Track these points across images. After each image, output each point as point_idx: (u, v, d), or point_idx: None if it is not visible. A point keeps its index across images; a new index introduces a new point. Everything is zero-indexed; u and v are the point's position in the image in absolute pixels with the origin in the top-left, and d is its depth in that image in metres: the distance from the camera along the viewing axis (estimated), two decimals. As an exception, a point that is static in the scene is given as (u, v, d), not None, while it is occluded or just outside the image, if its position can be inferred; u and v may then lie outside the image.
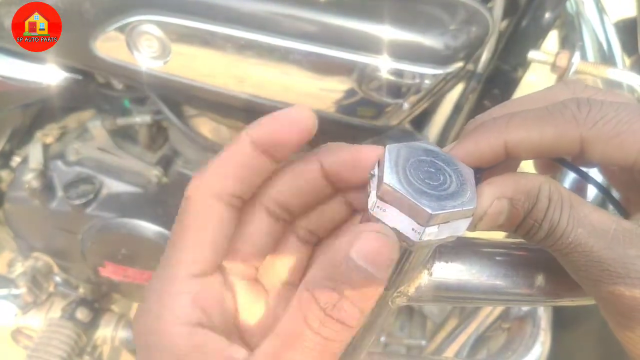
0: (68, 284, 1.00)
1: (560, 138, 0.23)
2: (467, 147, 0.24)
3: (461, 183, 0.23)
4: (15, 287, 0.96)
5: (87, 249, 0.86)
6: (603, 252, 0.22)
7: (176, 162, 0.87)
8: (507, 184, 0.24)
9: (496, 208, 0.23)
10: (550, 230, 0.23)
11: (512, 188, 0.23)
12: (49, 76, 0.74)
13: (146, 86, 0.75)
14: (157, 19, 0.61)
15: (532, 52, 0.58)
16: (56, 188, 0.85)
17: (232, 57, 0.61)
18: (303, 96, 0.63)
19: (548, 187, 0.23)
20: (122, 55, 0.65)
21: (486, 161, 0.24)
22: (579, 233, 0.22)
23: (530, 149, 0.24)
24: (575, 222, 0.23)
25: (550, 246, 0.24)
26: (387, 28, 0.57)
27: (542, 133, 0.23)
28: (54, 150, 0.87)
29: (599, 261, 0.22)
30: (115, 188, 0.84)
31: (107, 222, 0.82)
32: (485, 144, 0.24)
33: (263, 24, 0.59)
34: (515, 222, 0.24)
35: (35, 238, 0.95)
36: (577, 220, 0.23)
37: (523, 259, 0.28)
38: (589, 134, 0.23)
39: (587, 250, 0.22)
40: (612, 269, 0.22)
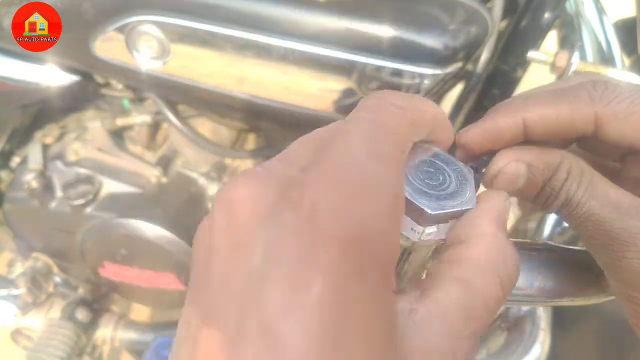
0: (68, 284, 1.00)
1: (575, 115, 0.24)
2: (486, 125, 0.25)
3: (460, 183, 0.23)
4: (14, 287, 0.96)
5: (86, 249, 0.86)
6: (614, 222, 0.23)
7: (176, 162, 0.87)
8: (528, 151, 0.25)
9: (512, 168, 0.24)
10: (567, 200, 0.24)
11: (532, 155, 0.25)
12: (49, 77, 0.74)
13: (146, 86, 0.75)
14: (157, 19, 0.61)
15: (532, 52, 0.58)
16: (55, 188, 0.85)
17: (232, 57, 0.61)
18: (302, 96, 0.63)
19: (569, 161, 0.25)
20: (122, 56, 0.65)
21: (504, 140, 0.25)
22: (592, 205, 0.24)
23: (548, 126, 0.25)
24: (590, 194, 0.24)
25: (565, 215, 0.25)
26: (386, 28, 0.57)
27: (559, 110, 0.24)
28: (54, 151, 0.87)
29: (609, 230, 0.23)
30: (114, 188, 0.84)
31: (107, 223, 0.82)
32: (504, 121, 0.25)
33: (262, 24, 0.59)
34: (535, 190, 0.25)
35: (34, 238, 0.95)
36: (593, 193, 0.24)
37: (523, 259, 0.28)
38: (603, 111, 0.24)
39: (599, 220, 0.23)
40: (621, 237, 0.23)
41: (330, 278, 0.15)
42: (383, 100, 0.20)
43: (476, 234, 0.21)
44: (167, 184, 0.85)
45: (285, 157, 0.19)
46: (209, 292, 0.17)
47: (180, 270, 0.84)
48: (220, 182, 0.87)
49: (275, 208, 0.17)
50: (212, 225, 0.18)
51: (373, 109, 0.20)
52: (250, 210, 0.17)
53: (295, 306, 0.15)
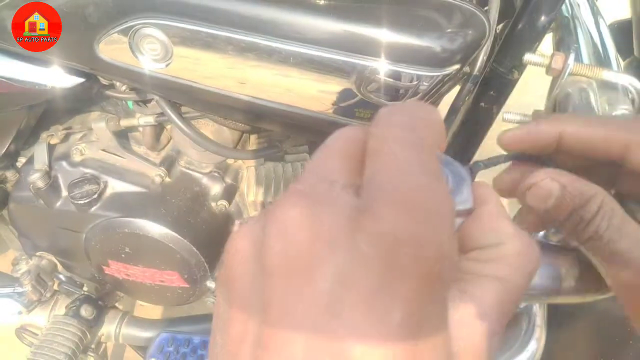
0: (72, 282, 1.00)
1: (609, 138, 0.27)
2: (529, 128, 0.29)
3: (457, 183, 0.23)
4: (19, 285, 0.96)
5: (91, 248, 0.87)
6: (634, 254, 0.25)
7: (179, 162, 0.88)
8: (566, 175, 0.27)
9: (547, 185, 0.26)
10: (596, 234, 0.26)
11: (569, 180, 0.26)
12: (54, 78, 0.74)
13: (149, 88, 0.75)
14: (160, 22, 0.61)
15: (528, 55, 0.58)
16: (61, 188, 0.86)
17: (233, 59, 0.61)
18: (303, 98, 0.63)
19: (602, 196, 0.26)
20: (125, 58, 0.66)
21: (539, 145, 0.28)
22: (622, 244, 0.25)
23: (581, 143, 0.28)
24: (620, 234, 0.25)
25: (591, 248, 0.27)
26: (385, 31, 0.57)
27: (595, 131, 0.27)
28: (59, 151, 0.88)
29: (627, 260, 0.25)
30: (119, 188, 0.85)
31: (111, 222, 0.83)
32: (544, 128, 0.28)
33: (264, 27, 0.59)
34: (563, 214, 0.26)
35: (39, 237, 0.95)
36: (623, 232, 0.25)
37: None
38: (633, 138, 0.27)
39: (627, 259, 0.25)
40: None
41: (410, 307, 0.15)
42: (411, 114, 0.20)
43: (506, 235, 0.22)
44: (171, 183, 0.86)
45: (323, 173, 0.18)
46: (268, 319, 0.16)
47: (183, 269, 0.84)
48: (223, 182, 0.88)
49: (347, 235, 0.16)
50: (261, 247, 0.17)
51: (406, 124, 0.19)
52: (312, 235, 0.16)
53: (373, 332, 0.15)
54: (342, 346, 0.15)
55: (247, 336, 0.17)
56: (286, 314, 0.16)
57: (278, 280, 0.16)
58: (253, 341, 0.16)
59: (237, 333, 0.17)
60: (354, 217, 0.16)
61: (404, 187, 0.17)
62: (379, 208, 0.16)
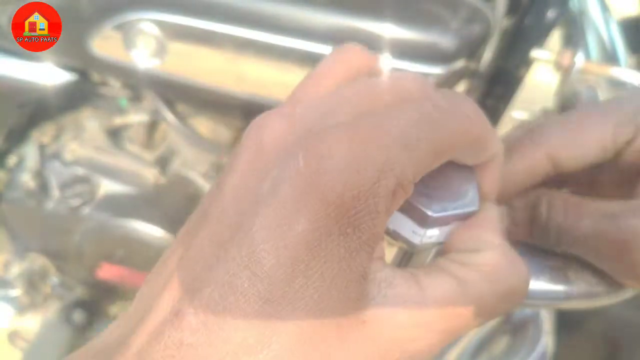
0: (65, 285, 1.00)
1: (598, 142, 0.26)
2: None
3: (463, 185, 0.22)
4: (11, 288, 0.96)
5: (83, 250, 0.86)
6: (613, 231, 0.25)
7: (174, 161, 0.87)
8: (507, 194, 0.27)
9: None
10: (560, 229, 0.26)
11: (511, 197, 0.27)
12: (46, 75, 0.74)
13: (143, 85, 0.75)
14: (154, 17, 0.61)
15: (535, 51, 0.58)
16: (53, 188, 0.85)
17: (230, 55, 0.61)
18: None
19: (548, 196, 0.26)
20: (119, 54, 0.65)
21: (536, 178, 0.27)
22: (587, 224, 0.25)
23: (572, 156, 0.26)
24: (580, 215, 0.25)
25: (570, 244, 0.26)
26: (388, 26, 0.57)
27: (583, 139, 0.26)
28: (51, 150, 0.87)
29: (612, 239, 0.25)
30: (111, 188, 0.84)
31: (104, 223, 0.82)
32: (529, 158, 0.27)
33: (262, 22, 0.59)
34: (526, 229, 0.27)
35: (31, 239, 0.95)
36: (583, 212, 0.25)
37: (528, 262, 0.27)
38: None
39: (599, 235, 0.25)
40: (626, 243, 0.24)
41: (314, 224, 0.17)
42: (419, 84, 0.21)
43: (488, 244, 0.21)
44: (165, 184, 0.85)
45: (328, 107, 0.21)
46: (218, 197, 0.20)
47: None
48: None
49: (293, 149, 0.18)
50: (241, 146, 0.20)
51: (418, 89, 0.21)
52: (275, 144, 0.19)
53: (277, 235, 0.17)
54: (252, 239, 0.18)
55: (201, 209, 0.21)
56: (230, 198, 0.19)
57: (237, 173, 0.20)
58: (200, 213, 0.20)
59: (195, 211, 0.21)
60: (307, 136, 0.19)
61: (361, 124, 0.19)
62: (329, 133, 0.18)
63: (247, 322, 0.17)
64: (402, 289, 0.19)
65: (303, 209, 0.18)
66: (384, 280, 0.19)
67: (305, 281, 0.18)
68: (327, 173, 0.18)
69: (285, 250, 0.17)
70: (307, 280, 0.18)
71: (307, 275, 0.18)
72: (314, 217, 0.18)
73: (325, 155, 0.18)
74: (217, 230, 0.19)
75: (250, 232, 0.18)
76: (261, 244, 0.18)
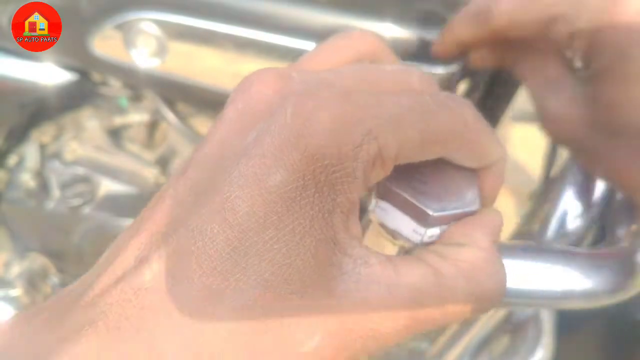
0: (65, 285, 0.99)
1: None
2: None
3: (464, 185, 0.22)
4: (12, 288, 0.96)
5: (84, 250, 0.86)
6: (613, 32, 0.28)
7: (174, 161, 0.87)
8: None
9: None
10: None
11: None
12: (46, 75, 0.74)
13: (144, 85, 0.75)
14: (155, 17, 0.60)
15: None
16: (53, 188, 0.85)
17: (231, 55, 0.60)
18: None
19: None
20: (120, 54, 0.65)
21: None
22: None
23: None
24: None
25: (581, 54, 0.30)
26: (388, 26, 0.57)
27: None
28: (51, 150, 0.87)
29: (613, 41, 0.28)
30: (112, 188, 0.84)
31: (104, 223, 0.82)
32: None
33: (263, 22, 0.58)
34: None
35: (32, 238, 0.94)
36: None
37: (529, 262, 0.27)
38: None
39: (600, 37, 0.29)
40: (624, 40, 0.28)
41: (292, 176, 0.18)
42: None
43: (473, 241, 0.21)
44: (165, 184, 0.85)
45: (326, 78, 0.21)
46: (204, 146, 0.20)
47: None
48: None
49: (279, 105, 0.19)
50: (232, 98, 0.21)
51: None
52: (265, 100, 0.20)
53: (253, 183, 0.18)
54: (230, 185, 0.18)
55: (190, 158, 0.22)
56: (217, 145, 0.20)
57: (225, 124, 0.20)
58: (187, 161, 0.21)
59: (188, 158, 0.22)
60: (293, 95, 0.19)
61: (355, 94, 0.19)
62: (315, 94, 0.19)
63: (212, 268, 0.17)
64: (377, 269, 0.19)
65: (283, 160, 0.18)
66: (360, 257, 0.19)
67: (275, 233, 0.17)
68: (312, 127, 0.18)
69: (260, 199, 0.17)
70: (278, 232, 0.17)
71: (278, 228, 0.17)
72: (292, 168, 0.17)
73: (314, 113, 0.18)
74: (196, 178, 0.19)
75: (227, 179, 0.18)
76: (236, 190, 0.18)
